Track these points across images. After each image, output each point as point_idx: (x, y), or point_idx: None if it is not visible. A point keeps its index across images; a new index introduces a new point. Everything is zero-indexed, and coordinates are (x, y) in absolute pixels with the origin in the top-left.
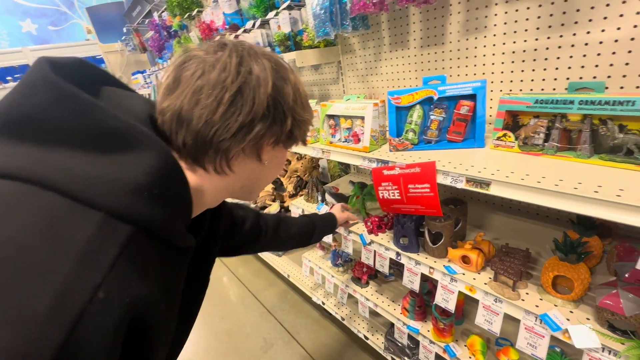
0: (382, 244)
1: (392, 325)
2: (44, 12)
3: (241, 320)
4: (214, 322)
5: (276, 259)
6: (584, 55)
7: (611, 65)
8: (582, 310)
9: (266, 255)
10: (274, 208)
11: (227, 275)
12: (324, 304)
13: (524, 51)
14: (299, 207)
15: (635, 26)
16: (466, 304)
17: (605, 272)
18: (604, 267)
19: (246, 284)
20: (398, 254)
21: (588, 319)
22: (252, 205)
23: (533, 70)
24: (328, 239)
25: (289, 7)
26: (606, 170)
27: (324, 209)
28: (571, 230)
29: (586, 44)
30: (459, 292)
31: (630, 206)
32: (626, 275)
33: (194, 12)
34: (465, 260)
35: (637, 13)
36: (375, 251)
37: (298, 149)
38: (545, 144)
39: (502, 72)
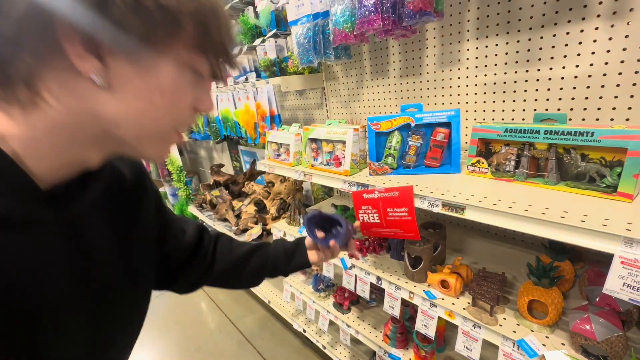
0: (363, 268)
1: (374, 353)
2: None
3: (218, 349)
4: (188, 352)
5: None
6: (548, 89)
7: (573, 98)
8: (557, 335)
9: None
10: (255, 231)
11: (205, 301)
12: (305, 331)
13: (495, 83)
14: (281, 229)
15: (591, 64)
16: (447, 330)
17: (578, 296)
18: (576, 291)
19: (225, 310)
20: (379, 279)
21: (563, 344)
22: (234, 228)
23: (503, 101)
24: None
25: (275, 35)
26: (572, 196)
27: (305, 232)
28: (544, 254)
29: (549, 79)
30: (439, 317)
31: (592, 231)
32: (597, 300)
33: None
34: (444, 284)
35: (592, 53)
36: (356, 275)
37: (280, 171)
38: (516, 170)
39: (475, 102)
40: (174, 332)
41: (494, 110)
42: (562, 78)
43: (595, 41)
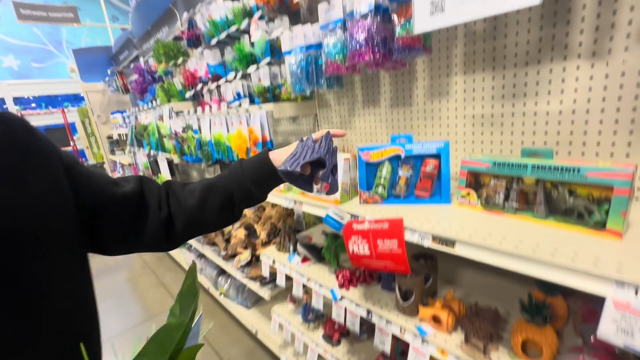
0: (353, 300)
1: None
2: (29, 49)
3: None
4: None
5: (244, 311)
6: (534, 123)
7: (558, 133)
8: None
9: (234, 309)
10: (244, 256)
11: None
12: None
13: (482, 116)
14: (270, 257)
15: (574, 101)
16: None
17: (572, 334)
18: (571, 327)
19: (210, 339)
20: (369, 312)
21: None
22: (222, 253)
23: (491, 133)
24: (299, 291)
25: (269, 63)
26: (561, 232)
27: (295, 260)
28: (536, 289)
29: (535, 114)
30: (431, 356)
31: (583, 272)
32: (592, 340)
33: (179, 61)
34: (436, 319)
35: (575, 90)
36: (346, 308)
37: (270, 198)
38: (505, 203)
39: (464, 133)
40: None
41: (482, 142)
42: (547, 113)
43: (577, 79)
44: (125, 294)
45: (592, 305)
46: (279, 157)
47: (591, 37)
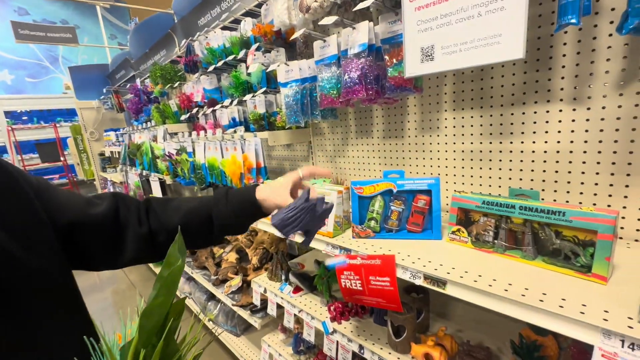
0: (345, 334)
1: None
2: (24, 64)
3: None
4: None
5: (234, 340)
6: (521, 161)
7: (544, 171)
8: None
9: (223, 336)
10: (235, 282)
11: None
12: None
13: (472, 151)
14: (261, 285)
15: (558, 142)
16: None
17: None
18: None
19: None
20: (361, 347)
21: None
22: (213, 278)
23: (480, 168)
24: (290, 322)
25: (265, 92)
26: (549, 274)
27: (286, 290)
28: (526, 327)
29: (521, 152)
30: None
31: (571, 319)
32: None
33: (176, 84)
34: (427, 358)
35: (559, 132)
36: (338, 342)
37: (263, 226)
38: (495, 241)
39: (454, 167)
40: None
41: (472, 177)
42: (533, 152)
43: (560, 121)
44: (111, 314)
45: (583, 346)
46: (265, 196)
47: (572, 84)
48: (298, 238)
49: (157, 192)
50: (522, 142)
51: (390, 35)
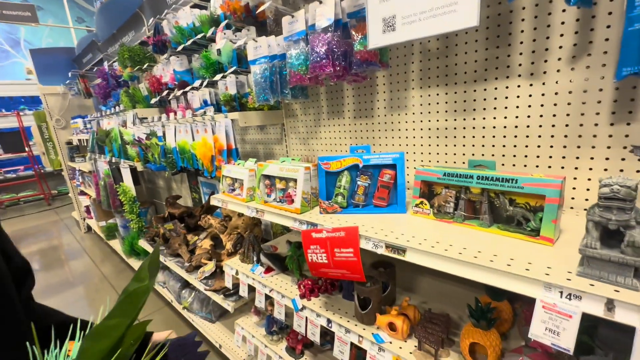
0: (314, 310)
1: None
2: None
3: None
4: None
5: (208, 325)
6: (483, 137)
7: (504, 146)
8: None
9: (198, 323)
10: (208, 267)
11: None
12: None
13: (437, 128)
14: (233, 267)
15: (516, 117)
16: None
17: (517, 336)
18: (516, 330)
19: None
20: (329, 321)
21: None
22: (186, 264)
23: (445, 145)
24: (261, 302)
25: (236, 72)
26: (502, 239)
27: (258, 270)
28: (485, 294)
29: (483, 127)
30: None
31: (516, 275)
32: (532, 341)
33: (145, 66)
34: (392, 327)
35: (517, 107)
36: (307, 318)
37: (234, 207)
38: (455, 212)
39: (421, 145)
40: None
41: (438, 154)
42: (494, 127)
43: (518, 97)
44: (85, 307)
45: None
46: None
47: (529, 59)
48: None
49: (128, 180)
50: (484, 118)
51: (356, 9)
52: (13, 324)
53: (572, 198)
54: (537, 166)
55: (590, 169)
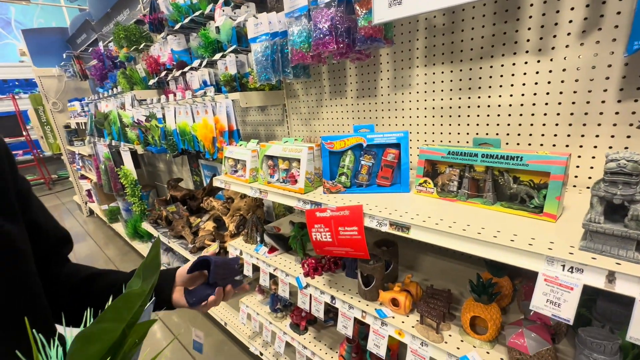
0: (318, 287)
1: None
2: None
3: None
4: None
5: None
6: (488, 115)
7: (508, 124)
8: (497, 350)
9: None
10: (212, 248)
11: (157, 324)
12: (262, 354)
13: (442, 108)
14: (237, 247)
15: (522, 94)
16: (402, 349)
17: (516, 311)
18: (516, 306)
19: (180, 333)
20: (333, 298)
21: (502, 359)
22: (190, 246)
23: (450, 124)
24: (265, 281)
25: (236, 51)
26: (506, 216)
27: (262, 250)
28: (486, 271)
29: (488, 106)
30: (389, 336)
31: (520, 250)
32: (531, 314)
33: (142, 46)
34: (394, 302)
35: (523, 84)
36: (311, 295)
37: (237, 188)
38: (459, 190)
39: (425, 124)
40: None
41: (441, 133)
42: (499, 105)
43: (525, 74)
44: None
45: (533, 283)
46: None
47: (537, 35)
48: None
49: (129, 163)
50: (489, 97)
51: None
52: (27, 299)
53: (576, 176)
54: (541, 144)
55: (595, 146)
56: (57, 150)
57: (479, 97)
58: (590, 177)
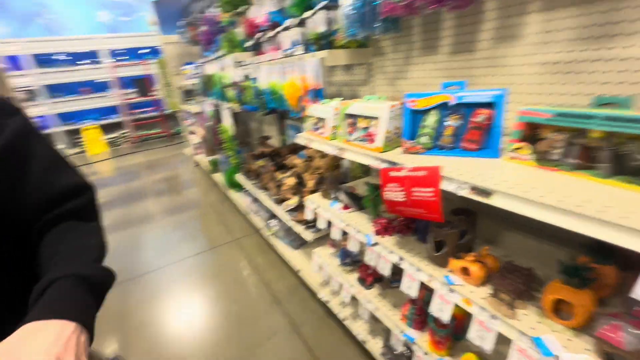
0: (387, 247)
1: (390, 331)
2: (118, 4)
3: (251, 306)
4: (227, 303)
5: (290, 252)
6: (619, 72)
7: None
8: (582, 339)
9: (282, 249)
10: (292, 202)
11: (243, 262)
12: (328, 302)
13: (555, 63)
14: (314, 202)
15: None
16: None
17: (619, 307)
18: (618, 301)
19: (261, 273)
20: (401, 258)
21: (587, 349)
22: (273, 197)
23: (563, 83)
24: (337, 234)
25: (326, 7)
26: (620, 192)
27: (336, 206)
28: (583, 256)
29: (621, 60)
30: (456, 305)
31: (632, 230)
32: (634, 309)
33: (242, 9)
34: (465, 272)
35: None
36: (379, 253)
37: (317, 145)
38: (563, 159)
39: (530, 84)
40: (214, 283)
41: (550, 94)
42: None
43: None
44: (194, 227)
45: None
46: None
47: None
48: None
49: (227, 120)
50: (624, 47)
51: None
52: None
53: None
54: None
55: None
56: (175, 108)
57: (610, 49)
58: None
